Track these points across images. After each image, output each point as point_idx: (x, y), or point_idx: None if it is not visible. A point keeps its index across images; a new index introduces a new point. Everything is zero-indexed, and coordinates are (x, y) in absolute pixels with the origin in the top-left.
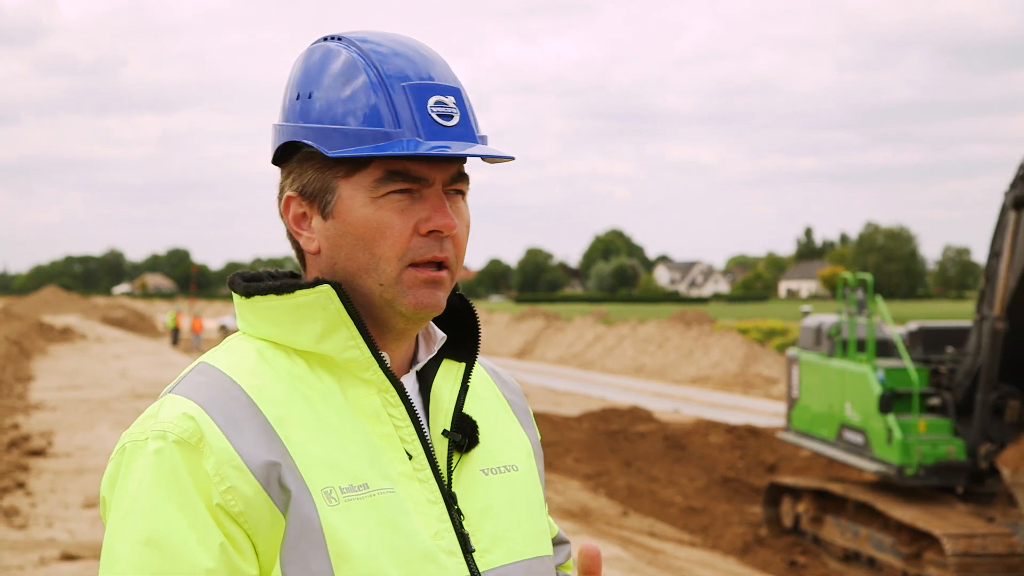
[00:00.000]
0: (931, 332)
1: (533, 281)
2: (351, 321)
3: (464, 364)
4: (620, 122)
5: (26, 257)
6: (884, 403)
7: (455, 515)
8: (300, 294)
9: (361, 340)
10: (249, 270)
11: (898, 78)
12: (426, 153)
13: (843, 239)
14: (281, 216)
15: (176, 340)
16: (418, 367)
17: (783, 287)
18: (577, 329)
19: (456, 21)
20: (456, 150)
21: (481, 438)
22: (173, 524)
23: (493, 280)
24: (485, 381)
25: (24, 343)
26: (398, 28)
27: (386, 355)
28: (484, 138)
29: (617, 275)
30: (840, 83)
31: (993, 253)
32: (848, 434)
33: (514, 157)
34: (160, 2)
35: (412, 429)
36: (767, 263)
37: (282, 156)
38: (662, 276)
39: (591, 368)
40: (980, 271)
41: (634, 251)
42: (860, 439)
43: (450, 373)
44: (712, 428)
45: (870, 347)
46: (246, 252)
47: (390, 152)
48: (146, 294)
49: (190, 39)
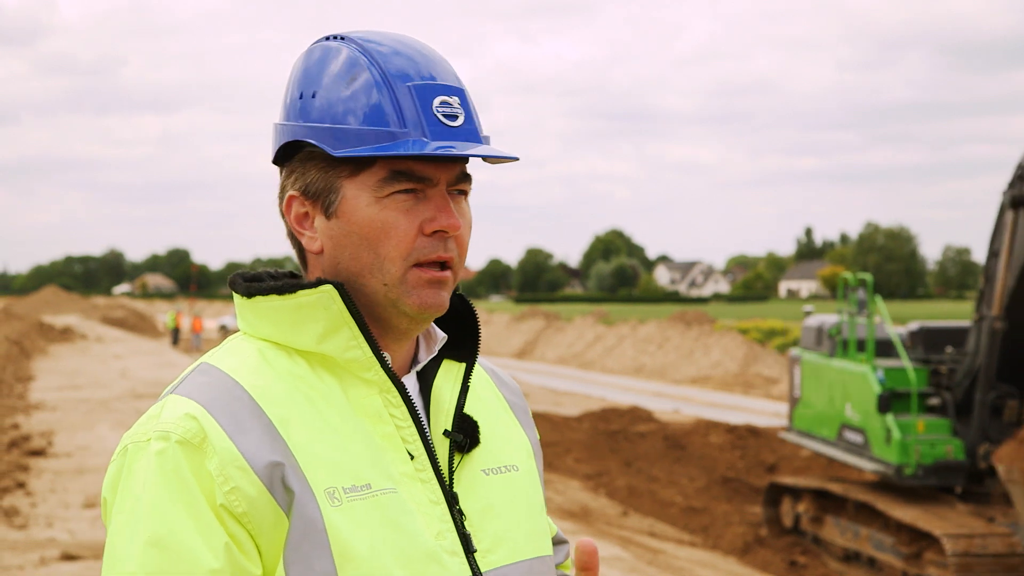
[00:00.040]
0: (932, 332)
1: (533, 281)
2: (353, 321)
3: (464, 364)
4: (620, 122)
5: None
6: (883, 403)
7: (457, 515)
8: (302, 294)
9: (363, 340)
10: (249, 270)
11: (898, 78)
12: (432, 153)
13: (843, 239)
14: (282, 215)
15: (176, 340)
16: (419, 367)
17: (783, 287)
18: (577, 329)
19: (456, 21)
20: (462, 150)
21: (482, 438)
22: (177, 524)
23: (493, 280)
24: (484, 381)
25: (24, 343)
26: (398, 28)
27: (387, 355)
28: (487, 138)
29: (617, 275)
30: (840, 83)
31: (992, 253)
32: (848, 434)
33: (518, 158)
34: (160, 2)
35: (414, 429)
36: (767, 263)
37: (283, 155)
38: (662, 276)
39: (591, 368)
40: (980, 271)
41: (634, 251)
42: (860, 439)
43: (450, 373)
44: (712, 428)
45: (870, 347)
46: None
47: (396, 152)
48: (146, 294)
49: (190, 39)
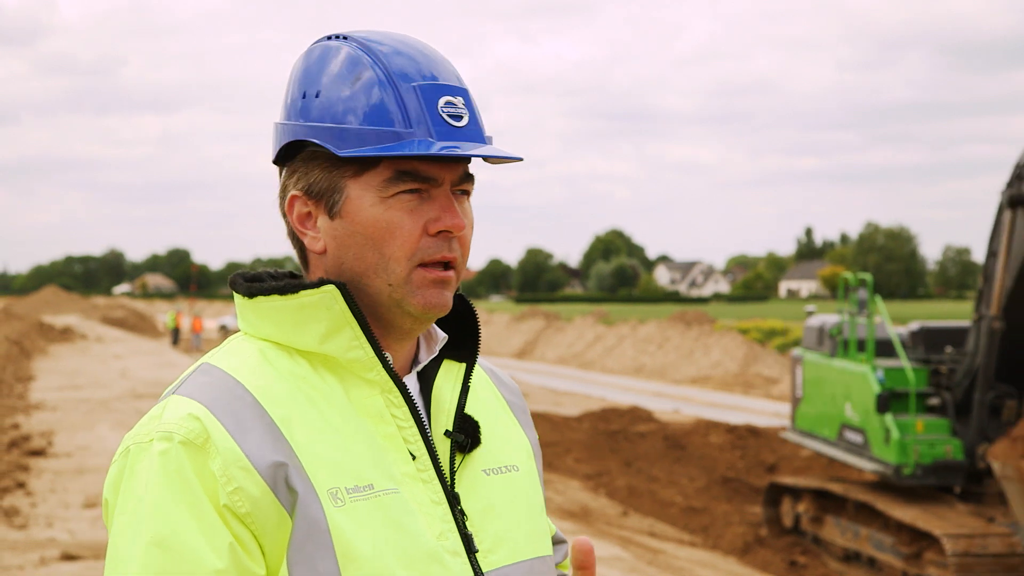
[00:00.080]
0: (933, 332)
1: (533, 281)
2: (355, 321)
3: (464, 364)
4: (620, 122)
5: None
6: (881, 403)
7: (458, 515)
8: (304, 294)
9: (365, 340)
10: (249, 270)
11: (898, 78)
12: (438, 153)
13: (843, 239)
14: (283, 215)
15: (176, 340)
16: (419, 367)
17: (783, 287)
18: (577, 329)
19: (456, 21)
20: (467, 151)
21: (482, 438)
22: (181, 525)
23: (493, 280)
24: (484, 381)
25: (24, 343)
26: (398, 28)
27: (389, 355)
28: (490, 139)
29: (617, 275)
30: (840, 83)
31: (991, 253)
32: (848, 434)
33: (522, 158)
34: (160, 2)
35: (415, 430)
36: (767, 263)
37: (284, 155)
38: (662, 276)
39: (591, 368)
40: (980, 271)
41: (634, 251)
42: (860, 439)
43: (451, 373)
44: (712, 428)
45: (869, 347)
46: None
47: (403, 152)
48: (146, 294)
49: (190, 39)
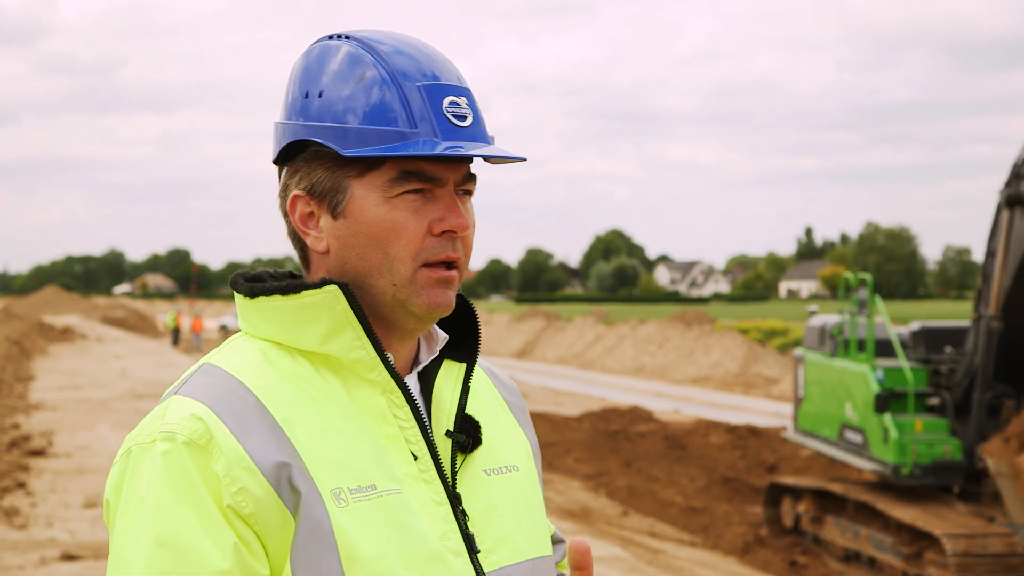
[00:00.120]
0: (934, 332)
1: (533, 281)
2: (357, 321)
3: (464, 365)
4: (620, 122)
5: (26, 257)
6: (880, 402)
7: (460, 516)
8: (307, 294)
9: (367, 340)
10: (250, 270)
11: (898, 78)
12: (444, 153)
13: (843, 239)
14: (285, 215)
15: (176, 340)
16: (420, 368)
17: (783, 287)
18: (577, 329)
19: (456, 21)
20: (472, 151)
21: (483, 438)
22: (185, 525)
23: (493, 280)
24: (483, 382)
25: (24, 343)
26: (398, 28)
27: (391, 356)
28: (493, 139)
29: (617, 275)
30: (840, 83)
31: (989, 252)
32: (849, 434)
33: (526, 158)
34: (160, 2)
35: (417, 430)
36: (767, 263)
37: (285, 155)
38: (662, 276)
39: (591, 368)
40: (980, 271)
41: (634, 251)
42: (859, 439)
43: (451, 374)
44: (712, 428)
45: (869, 347)
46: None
47: (408, 152)
48: (146, 294)
49: (190, 39)
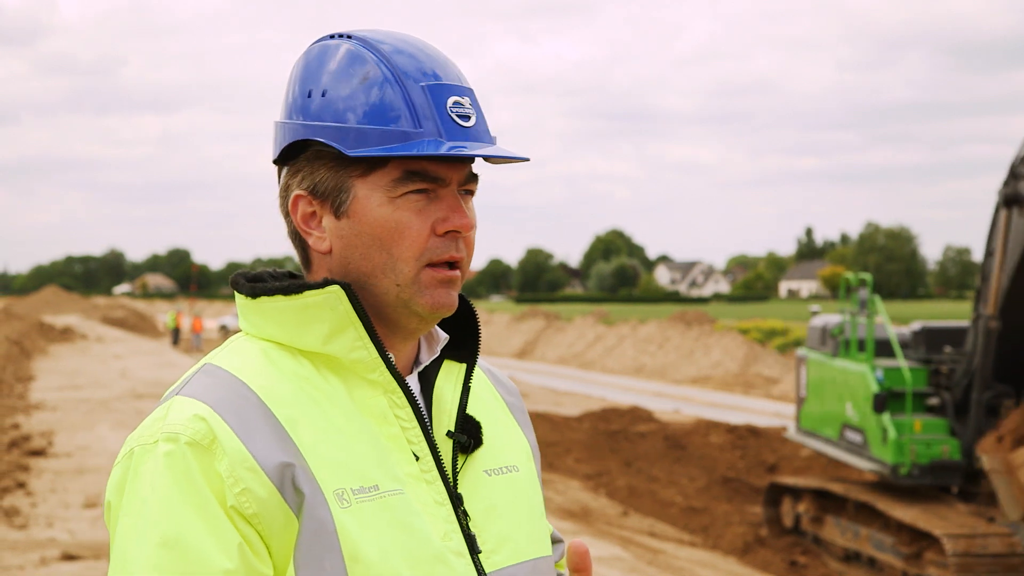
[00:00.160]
0: (934, 332)
1: (533, 281)
2: (359, 322)
3: (465, 365)
4: (620, 122)
5: (26, 257)
6: (879, 402)
7: (461, 516)
8: (309, 295)
9: (368, 341)
10: (250, 270)
11: (898, 78)
12: (449, 154)
13: (843, 239)
14: (285, 215)
15: (177, 340)
16: (420, 368)
17: (783, 287)
18: (577, 329)
19: (456, 21)
20: (476, 151)
21: (483, 439)
22: (189, 525)
23: (493, 280)
24: (483, 382)
25: (24, 343)
26: (398, 28)
27: (392, 356)
28: (495, 139)
29: (617, 275)
30: (840, 83)
31: (988, 252)
32: (849, 433)
33: (529, 158)
34: (160, 2)
35: (419, 430)
36: (767, 263)
37: (286, 154)
38: (662, 276)
39: (591, 368)
40: (979, 271)
41: (634, 251)
42: (859, 438)
43: (451, 374)
44: (712, 428)
45: (869, 347)
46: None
47: (413, 152)
48: (146, 294)
49: (190, 39)
